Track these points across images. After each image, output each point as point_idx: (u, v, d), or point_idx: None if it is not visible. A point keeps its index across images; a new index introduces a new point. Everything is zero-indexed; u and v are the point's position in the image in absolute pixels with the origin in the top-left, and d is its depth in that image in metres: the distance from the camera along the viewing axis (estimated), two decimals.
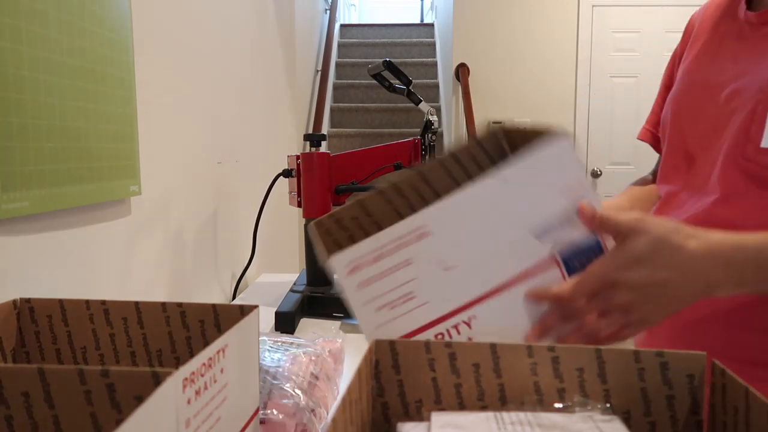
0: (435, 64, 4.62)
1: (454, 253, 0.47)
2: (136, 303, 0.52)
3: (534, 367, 0.41)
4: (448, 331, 0.47)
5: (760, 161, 0.58)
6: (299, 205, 1.15)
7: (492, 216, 0.47)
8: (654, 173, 0.88)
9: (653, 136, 0.84)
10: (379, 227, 0.53)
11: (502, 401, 0.42)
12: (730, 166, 0.61)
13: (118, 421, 0.33)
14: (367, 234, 0.50)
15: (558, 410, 0.41)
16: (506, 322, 0.48)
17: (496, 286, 0.47)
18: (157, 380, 0.32)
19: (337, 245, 0.53)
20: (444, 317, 0.47)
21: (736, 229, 0.53)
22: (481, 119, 3.67)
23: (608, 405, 0.41)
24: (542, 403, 0.41)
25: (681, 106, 0.72)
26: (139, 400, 0.33)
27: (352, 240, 0.53)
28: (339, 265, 0.47)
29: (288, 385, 0.59)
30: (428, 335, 0.47)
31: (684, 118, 0.70)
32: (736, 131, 0.61)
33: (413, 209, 0.54)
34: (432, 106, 1.18)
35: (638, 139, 0.88)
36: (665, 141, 0.75)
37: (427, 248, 0.47)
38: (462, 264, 0.47)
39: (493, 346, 0.42)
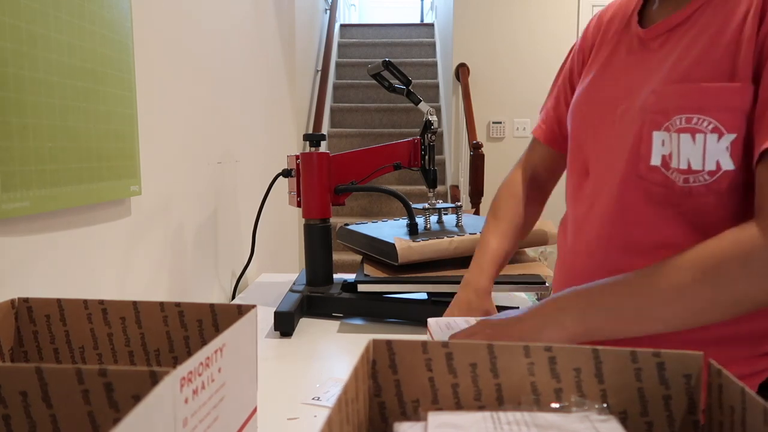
0: (435, 64, 4.62)
1: None
2: (134, 303, 0.52)
3: (531, 368, 0.41)
4: None
5: (652, 178, 0.63)
6: (299, 205, 1.15)
7: None
8: (529, 167, 0.89)
9: (546, 133, 0.86)
10: None
11: (499, 401, 0.42)
12: (628, 185, 0.65)
13: (116, 420, 0.34)
14: None
15: (555, 410, 0.41)
16: None
17: None
18: (154, 379, 0.32)
19: None
20: None
21: (635, 245, 0.65)
22: (481, 119, 3.68)
23: (605, 405, 0.41)
24: (539, 403, 0.41)
25: (580, 121, 0.75)
26: (137, 399, 0.33)
27: None
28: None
29: None
30: None
31: (584, 134, 0.74)
32: (629, 151, 0.65)
33: None
34: (432, 106, 1.18)
35: (532, 133, 0.90)
36: (568, 155, 0.79)
37: None
38: None
39: (490, 347, 0.42)
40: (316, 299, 1.09)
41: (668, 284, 0.56)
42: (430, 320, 0.78)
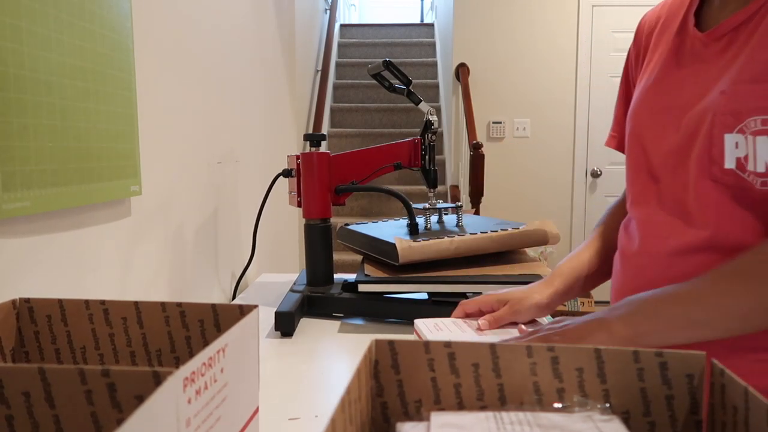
0: (435, 64, 4.63)
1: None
2: (136, 303, 0.52)
3: (533, 367, 0.41)
4: None
5: (727, 181, 0.62)
6: (299, 205, 1.15)
7: None
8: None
9: (619, 141, 0.86)
10: None
11: (501, 401, 0.42)
12: (703, 189, 0.64)
13: (119, 421, 0.34)
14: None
15: (557, 410, 0.41)
16: None
17: None
18: (157, 380, 0.32)
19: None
20: None
21: (714, 248, 0.63)
22: (481, 119, 3.68)
23: (608, 405, 0.41)
24: (541, 403, 0.41)
25: (642, 125, 0.73)
26: (140, 399, 0.33)
27: None
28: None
29: None
30: None
31: (646, 139, 0.73)
32: (699, 154, 0.64)
33: None
34: (432, 106, 1.18)
35: (606, 146, 0.89)
36: (628, 159, 0.77)
37: None
38: None
39: (492, 346, 0.42)
40: (317, 299, 1.09)
41: (712, 289, 0.58)
42: (417, 321, 0.78)
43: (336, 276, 1.18)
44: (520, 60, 3.72)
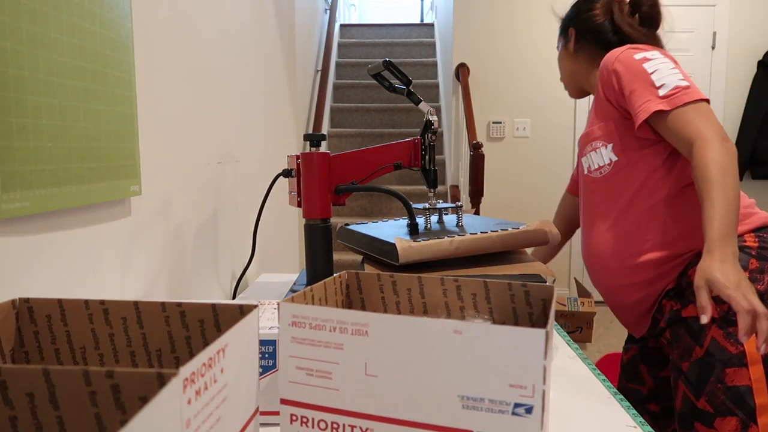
0: (435, 64, 4.63)
1: (380, 365, 0.46)
2: (136, 303, 0.52)
3: (445, 292, 0.63)
4: (344, 426, 0.48)
5: (589, 178, 1.23)
6: (299, 205, 1.15)
7: (432, 356, 0.45)
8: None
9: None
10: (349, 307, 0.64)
11: (425, 313, 0.64)
12: (585, 182, 1.26)
13: (123, 422, 0.34)
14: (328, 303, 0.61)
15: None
16: None
17: (403, 418, 0.46)
18: (161, 381, 0.32)
19: (301, 298, 0.56)
20: (346, 412, 0.48)
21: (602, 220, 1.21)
22: (481, 119, 3.68)
23: (492, 318, 0.62)
24: (450, 316, 0.63)
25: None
26: (144, 400, 0.33)
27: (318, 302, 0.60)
28: (284, 312, 0.49)
29: None
30: (330, 418, 0.48)
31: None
32: (583, 165, 1.26)
33: (383, 309, 0.65)
34: (432, 106, 1.18)
35: None
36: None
37: (359, 345, 0.46)
38: (382, 378, 0.46)
39: (420, 278, 0.63)
40: None
41: (721, 185, 0.94)
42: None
43: None
44: (520, 60, 3.72)
